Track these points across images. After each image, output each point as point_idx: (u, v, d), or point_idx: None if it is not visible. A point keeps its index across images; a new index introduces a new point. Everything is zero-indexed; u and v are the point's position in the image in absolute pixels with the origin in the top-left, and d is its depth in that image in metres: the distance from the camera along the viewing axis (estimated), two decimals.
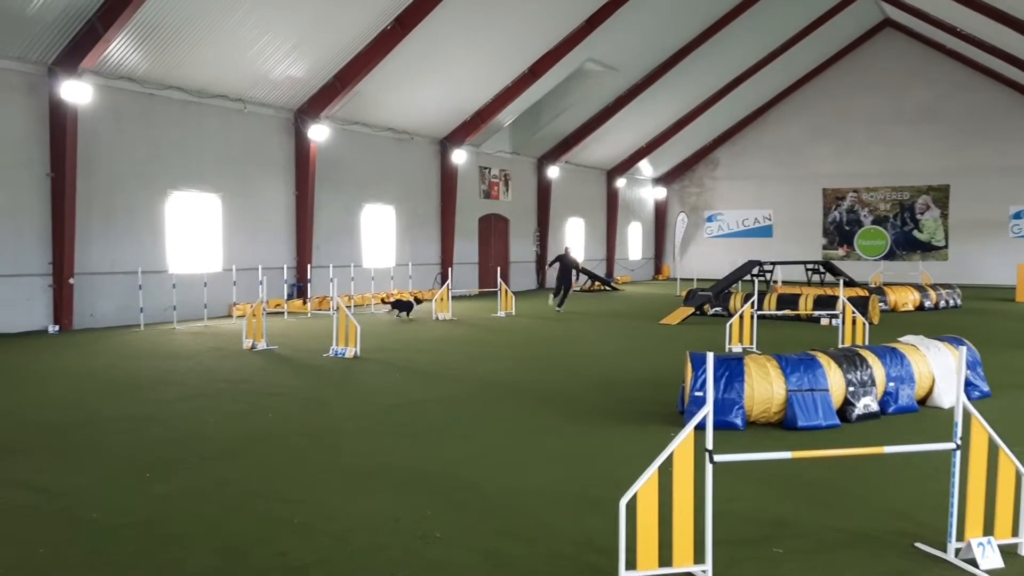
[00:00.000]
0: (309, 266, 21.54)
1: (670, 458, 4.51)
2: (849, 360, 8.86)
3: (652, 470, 4.47)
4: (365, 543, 5.18)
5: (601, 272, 35.24)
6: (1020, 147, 32.76)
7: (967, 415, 4.96)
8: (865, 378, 8.79)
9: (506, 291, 21.22)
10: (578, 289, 31.36)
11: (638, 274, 39.46)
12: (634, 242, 40.06)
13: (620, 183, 37.18)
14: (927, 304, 22.16)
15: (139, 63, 17.33)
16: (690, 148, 39.00)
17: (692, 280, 32.54)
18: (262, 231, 21.17)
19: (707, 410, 4.56)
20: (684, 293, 22.67)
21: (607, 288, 31.73)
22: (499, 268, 24.26)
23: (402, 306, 20.00)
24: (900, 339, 9.98)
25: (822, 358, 8.74)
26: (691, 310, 19.37)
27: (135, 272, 17.35)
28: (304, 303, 20.85)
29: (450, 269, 24.14)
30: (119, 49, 16.58)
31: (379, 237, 25.16)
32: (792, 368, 8.53)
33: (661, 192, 40.97)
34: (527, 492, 6.23)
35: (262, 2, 17.36)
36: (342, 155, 23.28)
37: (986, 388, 10.01)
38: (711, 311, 20.35)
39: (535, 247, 32.46)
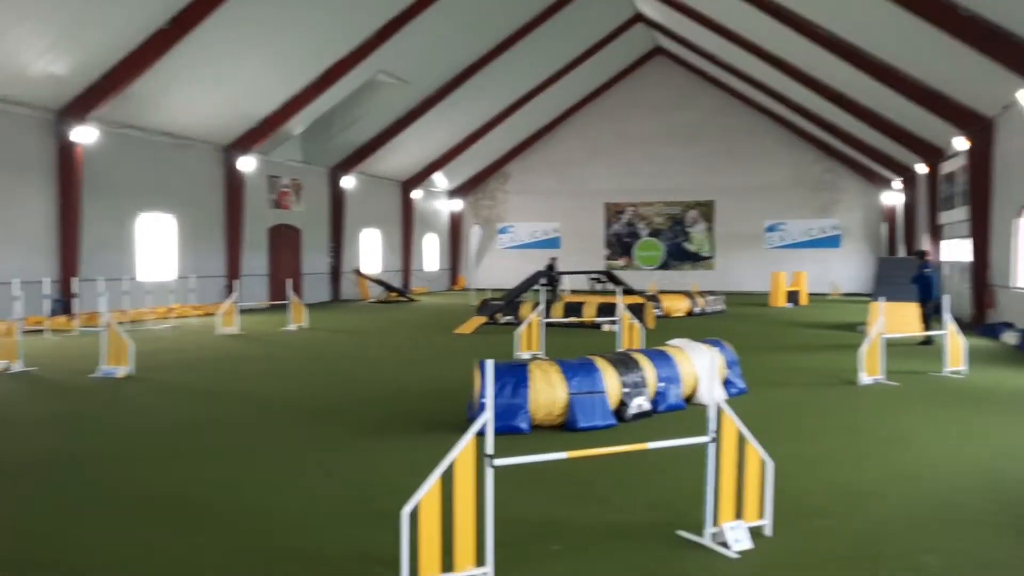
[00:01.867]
0: (75, 279, 19.75)
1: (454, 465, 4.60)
2: (623, 363, 9.46)
3: (434, 478, 4.54)
4: None
5: (397, 283, 35.14)
6: (772, 167, 36.54)
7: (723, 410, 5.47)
8: (638, 380, 9.42)
9: (297, 303, 20.62)
10: (379, 300, 31.16)
11: (435, 285, 39.77)
12: (430, 253, 40.35)
13: (416, 194, 37.34)
14: (696, 310, 24.09)
15: None
16: (483, 162, 39.93)
17: (487, 290, 33.30)
18: (17, 242, 19.17)
19: (487, 416, 4.70)
20: (479, 303, 23.13)
21: (404, 299, 31.73)
22: (291, 280, 23.45)
23: None
24: (668, 342, 10.79)
25: (599, 362, 9.28)
26: (484, 319, 19.82)
27: None
28: (69, 320, 19.09)
29: (236, 281, 23.09)
30: None
31: (158, 248, 23.57)
32: (573, 372, 8.98)
33: (456, 204, 41.60)
34: (309, 510, 6.10)
35: None
36: (114, 160, 21.60)
37: (743, 385, 11.05)
38: (503, 320, 20.93)
39: (329, 258, 31.80)
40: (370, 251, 35.02)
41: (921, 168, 25.69)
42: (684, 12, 26.25)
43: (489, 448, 4.67)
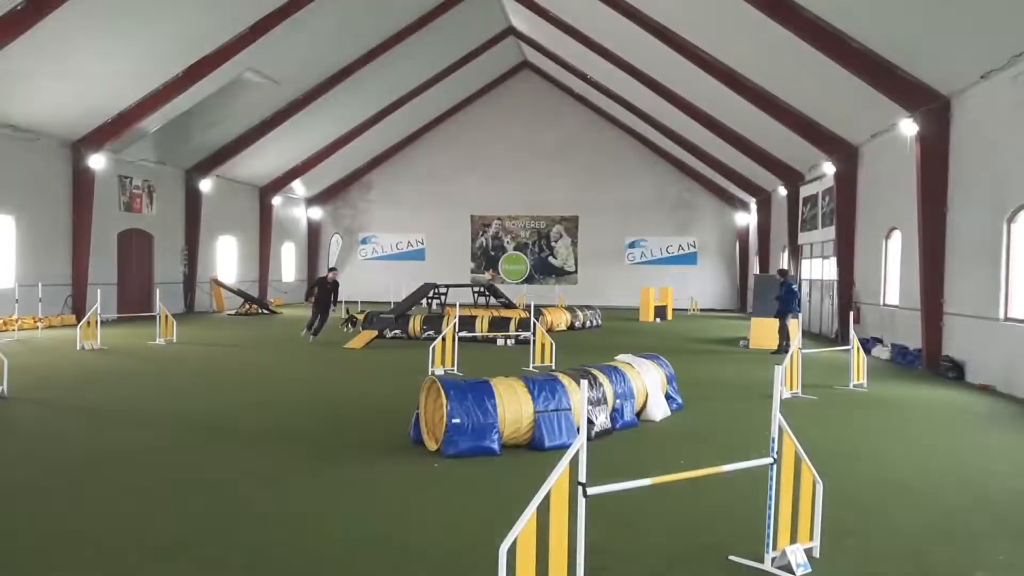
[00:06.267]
0: None
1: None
2: (585, 379, 9.14)
3: (531, 510, 4.02)
4: None
5: (253, 294, 33.17)
6: (635, 186, 37.73)
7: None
8: (600, 396, 9.16)
9: (166, 316, 18.89)
10: (239, 312, 29.25)
11: (291, 296, 37.95)
12: (287, 263, 38.53)
13: (275, 201, 35.54)
14: (576, 324, 24.27)
15: None
16: (345, 170, 38.67)
17: (356, 303, 32.12)
18: None
19: (581, 440, 4.23)
20: (361, 316, 22.20)
21: (264, 311, 30.02)
22: (147, 290, 21.49)
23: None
24: (616, 357, 10.62)
25: (564, 378, 8.93)
26: (374, 334, 18.99)
27: None
28: None
29: (96, 290, 20.88)
30: None
31: None
32: (539, 389, 8.58)
33: (316, 212, 40.01)
34: (331, 544, 5.34)
35: None
36: None
37: (681, 400, 11.04)
38: (390, 334, 20.16)
39: (183, 267, 29.56)
40: (226, 260, 32.92)
41: (782, 190, 27.27)
42: (562, 28, 26.56)
43: (582, 476, 4.20)
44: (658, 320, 29.06)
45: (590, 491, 4.23)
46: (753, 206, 33.76)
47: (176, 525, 5.83)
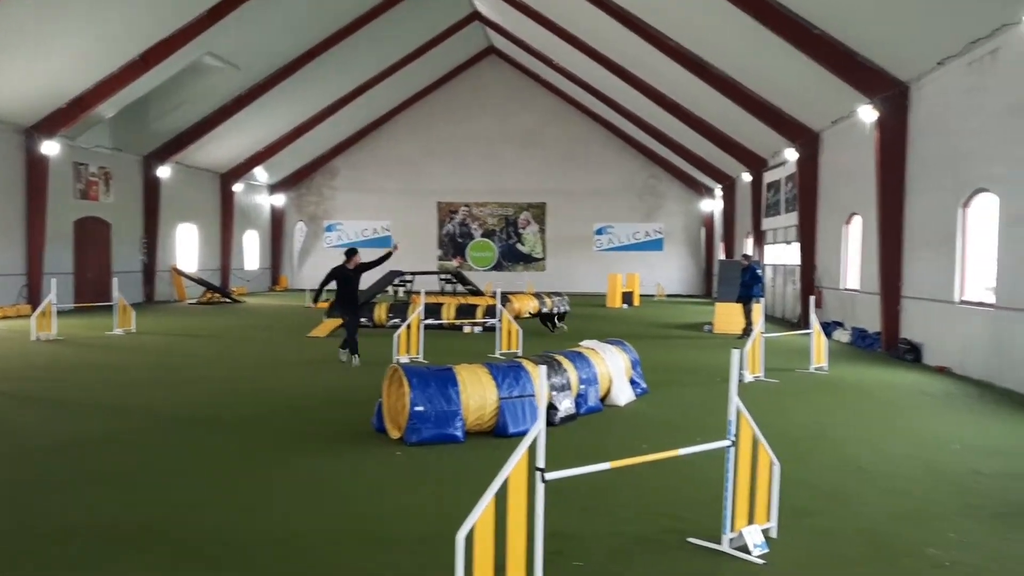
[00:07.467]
0: None
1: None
2: (549, 365, 9.15)
3: (488, 498, 3.98)
4: None
5: (215, 282, 32.71)
6: (602, 172, 37.78)
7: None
8: (564, 382, 9.16)
9: (124, 306, 18.55)
10: (201, 301, 28.85)
11: (254, 285, 37.50)
12: (250, 251, 38.03)
13: (237, 188, 35.02)
14: (544, 310, 24.23)
15: None
16: (309, 156, 38.21)
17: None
18: None
19: (539, 426, 4.21)
20: (325, 304, 21.98)
21: (227, 300, 29.63)
22: (105, 279, 21.07)
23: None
24: (581, 343, 10.62)
25: (527, 364, 8.91)
26: (339, 322, 18.77)
27: None
28: None
29: (53, 281, 20.43)
30: None
31: None
32: (503, 376, 8.56)
33: (279, 199, 39.52)
34: (297, 534, 5.28)
35: None
36: None
37: (645, 385, 11.09)
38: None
39: (142, 256, 29.04)
40: (187, 248, 32.40)
41: (746, 176, 27.48)
42: (526, 13, 26.43)
43: (540, 461, 4.19)
44: (625, 306, 29.19)
45: (548, 476, 4.21)
46: (718, 192, 34.00)
47: (142, 514, 5.75)
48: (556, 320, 17.07)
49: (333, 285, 13.79)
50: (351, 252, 13.70)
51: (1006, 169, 12.11)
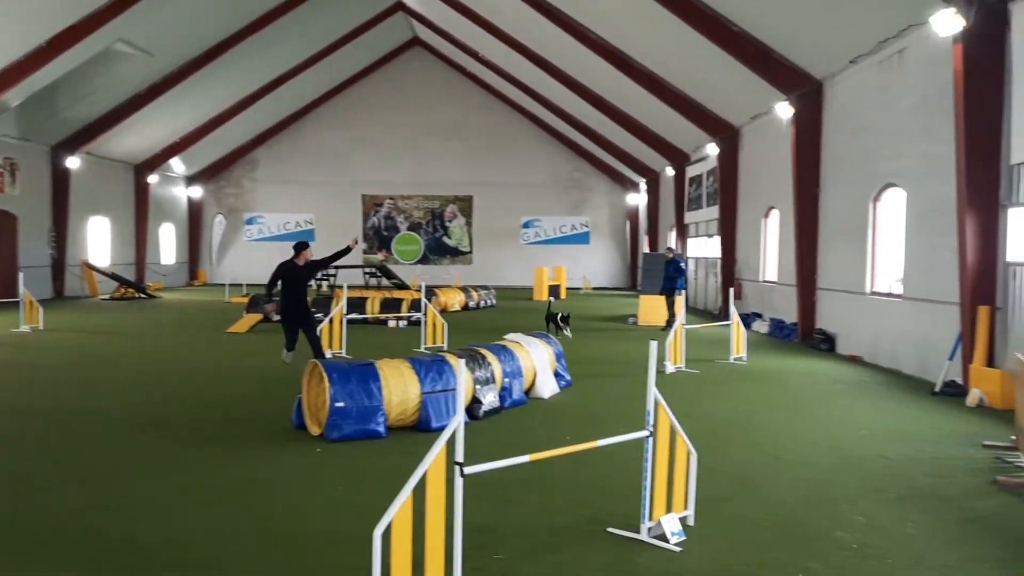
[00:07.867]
0: None
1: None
2: (473, 359, 9.12)
3: (406, 493, 3.92)
4: None
5: (130, 277, 31.58)
6: (529, 166, 37.88)
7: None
8: (488, 375, 9.14)
9: (31, 302, 17.73)
10: (114, 296, 27.82)
11: (171, 279, 36.33)
12: (166, 245, 36.83)
13: (152, 179, 33.84)
14: (471, 304, 24.24)
15: None
16: (227, 147, 37.18)
17: (241, 286, 31.07)
18: None
19: (457, 420, 4.16)
20: (245, 299, 21.46)
21: (142, 295, 28.65)
22: (11, 274, 20.10)
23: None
24: (506, 336, 10.62)
25: (451, 359, 8.85)
26: (259, 317, 18.37)
27: None
28: None
29: None
30: None
31: None
32: (426, 370, 8.48)
33: (196, 191, 38.36)
34: (206, 534, 5.10)
35: None
36: None
37: (569, 377, 11.14)
38: (276, 317, 19.51)
39: (51, 249, 27.81)
40: (99, 242, 31.17)
41: (669, 171, 27.94)
42: (450, 4, 26.25)
43: (459, 455, 4.14)
44: (551, 299, 29.31)
45: (467, 470, 4.17)
46: (643, 186, 34.50)
47: (47, 518, 5.48)
48: (562, 322, 16.09)
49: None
50: (301, 246, 11.83)
51: (913, 165, 12.61)
